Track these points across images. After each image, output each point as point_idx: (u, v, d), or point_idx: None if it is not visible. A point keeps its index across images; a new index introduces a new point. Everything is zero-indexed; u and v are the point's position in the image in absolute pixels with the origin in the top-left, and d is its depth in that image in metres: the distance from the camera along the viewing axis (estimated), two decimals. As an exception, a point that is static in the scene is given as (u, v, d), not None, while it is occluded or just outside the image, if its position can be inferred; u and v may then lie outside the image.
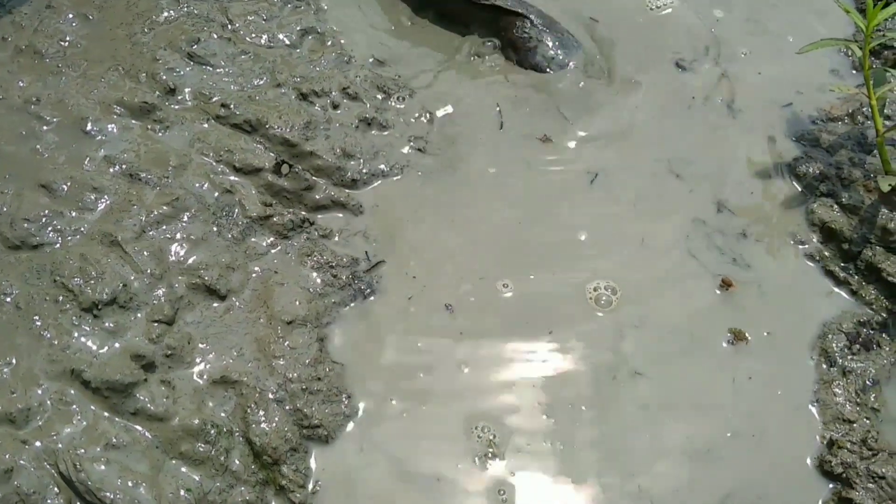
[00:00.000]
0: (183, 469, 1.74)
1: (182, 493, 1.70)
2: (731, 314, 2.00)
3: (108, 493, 1.63)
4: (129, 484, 1.66)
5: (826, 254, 2.08)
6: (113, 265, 1.87)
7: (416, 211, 2.14)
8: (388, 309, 2.01)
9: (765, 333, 1.98)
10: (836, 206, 2.11)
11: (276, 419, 1.80)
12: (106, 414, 1.75)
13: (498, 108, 2.32)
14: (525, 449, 1.84)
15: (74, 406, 1.73)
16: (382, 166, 2.18)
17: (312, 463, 1.81)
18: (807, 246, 2.09)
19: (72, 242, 1.91)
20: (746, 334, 1.97)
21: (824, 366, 1.92)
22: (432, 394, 1.90)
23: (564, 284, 2.04)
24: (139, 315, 1.85)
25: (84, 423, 1.72)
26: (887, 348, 1.93)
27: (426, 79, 2.38)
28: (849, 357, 1.92)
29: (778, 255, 2.09)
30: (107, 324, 1.82)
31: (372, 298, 2.02)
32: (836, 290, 2.03)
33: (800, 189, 2.18)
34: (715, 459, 1.84)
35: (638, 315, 2.00)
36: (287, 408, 1.82)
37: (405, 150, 2.23)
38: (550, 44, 2.39)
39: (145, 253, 1.90)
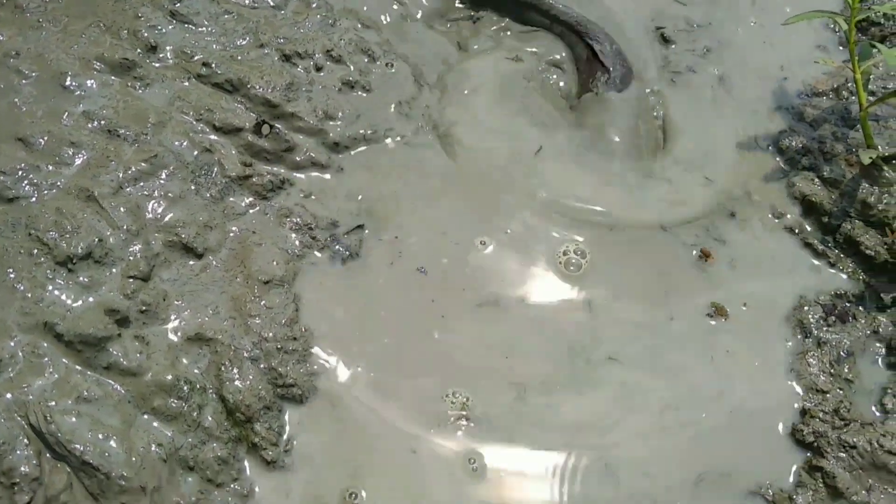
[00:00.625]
0: (155, 424, 1.73)
1: (153, 447, 1.70)
2: (708, 285, 2.01)
3: (78, 446, 1.62)
4: (100, 437, 1.65)
5: (806, 227, 2.08)
6: (89, 220, 1.86)
7: (396, 175, 2.13)
8: (365, 271, 2.01)
9: (742, 305, 1.98)
10: (817, 180, 2.11)
11: (251, 377, 1.80)
12: (78, 367, 1.74)
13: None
14: (495, 417, 1.84)
15: (46, 359, 1.72)
16: (364, 130, 2.17)
17: (286, 422, 1.81)
18: (787, 218, 2.09)
19: (48, 196, 1.89)
20: (727, 309, 1.97)
21: (800, 337, 1.93)
22: (407, 357, 1.90)
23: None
24: (114, 270, 1.83)
25: (56, 375, 1.71)
26: (863, 321, 1.94)
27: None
28: (824, 329, 1.93)
29: (757, 228, 2.09)
30: (81, 278, 1.80)
31: (350, 261, 2.01)
32: (815, 262, 2.04)
33: (782, 163, 2.18)
34: (689, 432, 1.84)
35: (614, 284, 2.00)
36: (261, 366, 1.82)
37: (389, 114, 2.21)
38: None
39: (122, 209, 1.89)
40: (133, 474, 1.63)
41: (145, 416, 1.73)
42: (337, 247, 2.01)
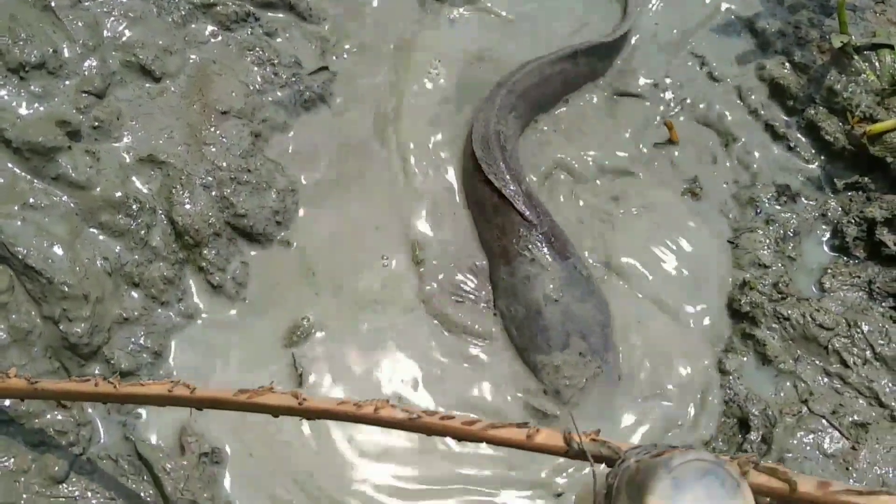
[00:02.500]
0: (101, 238, 1.72)
1: (99, 260, 1.69)
2: (664, 159, 2.02)
3: (21, 249, 1.61)
4: (45, 244, 1.64)
5: (770, 109, 2.08)
6: (45, 30, 1.80)
7: (368, 21, 2.10)
8: (326, 116, 1.99)
9: (697, 181, 2.00)
10: (787, 64, 2.10)
11: (202, 203, 1.79)
12: (26, 175, 1.71)
13: None
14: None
15: (-7, 163, 1.70)
16: (339, -28, 2.11)
17: (236, 251, 1.82)
18: (752, 98, 2.09)
19: (2, 2, 1.82)
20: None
21: (751, 213, 1.95)
22: (363, 193, 1.92)
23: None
24: (68, 83, 1.79)
25: (1, 180, 1.68)
26: (813, 203, 1.96)
27: None
28: (775, 207, 1.95)
29: (718, 107, 2.09)
30: (33, 87, 1.76)
31: (313, 104, 1.99)
32: (774, 143, 2.05)
33: (753, 45, 2.16)
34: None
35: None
36: (213, 194, 1.81)
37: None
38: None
39: (80, 23, 1.83)
40: (76, 282, 1.63)
41: (92, 230, 1.72)
42: (299, 86, 1.97)
